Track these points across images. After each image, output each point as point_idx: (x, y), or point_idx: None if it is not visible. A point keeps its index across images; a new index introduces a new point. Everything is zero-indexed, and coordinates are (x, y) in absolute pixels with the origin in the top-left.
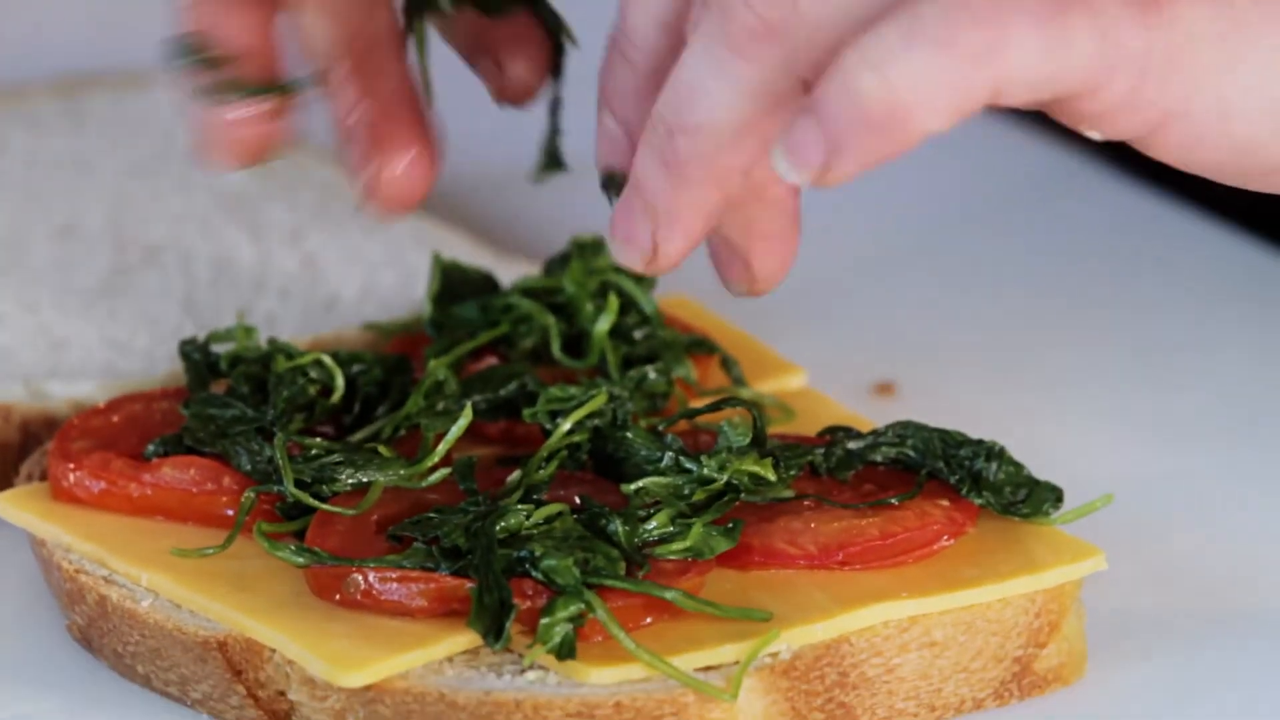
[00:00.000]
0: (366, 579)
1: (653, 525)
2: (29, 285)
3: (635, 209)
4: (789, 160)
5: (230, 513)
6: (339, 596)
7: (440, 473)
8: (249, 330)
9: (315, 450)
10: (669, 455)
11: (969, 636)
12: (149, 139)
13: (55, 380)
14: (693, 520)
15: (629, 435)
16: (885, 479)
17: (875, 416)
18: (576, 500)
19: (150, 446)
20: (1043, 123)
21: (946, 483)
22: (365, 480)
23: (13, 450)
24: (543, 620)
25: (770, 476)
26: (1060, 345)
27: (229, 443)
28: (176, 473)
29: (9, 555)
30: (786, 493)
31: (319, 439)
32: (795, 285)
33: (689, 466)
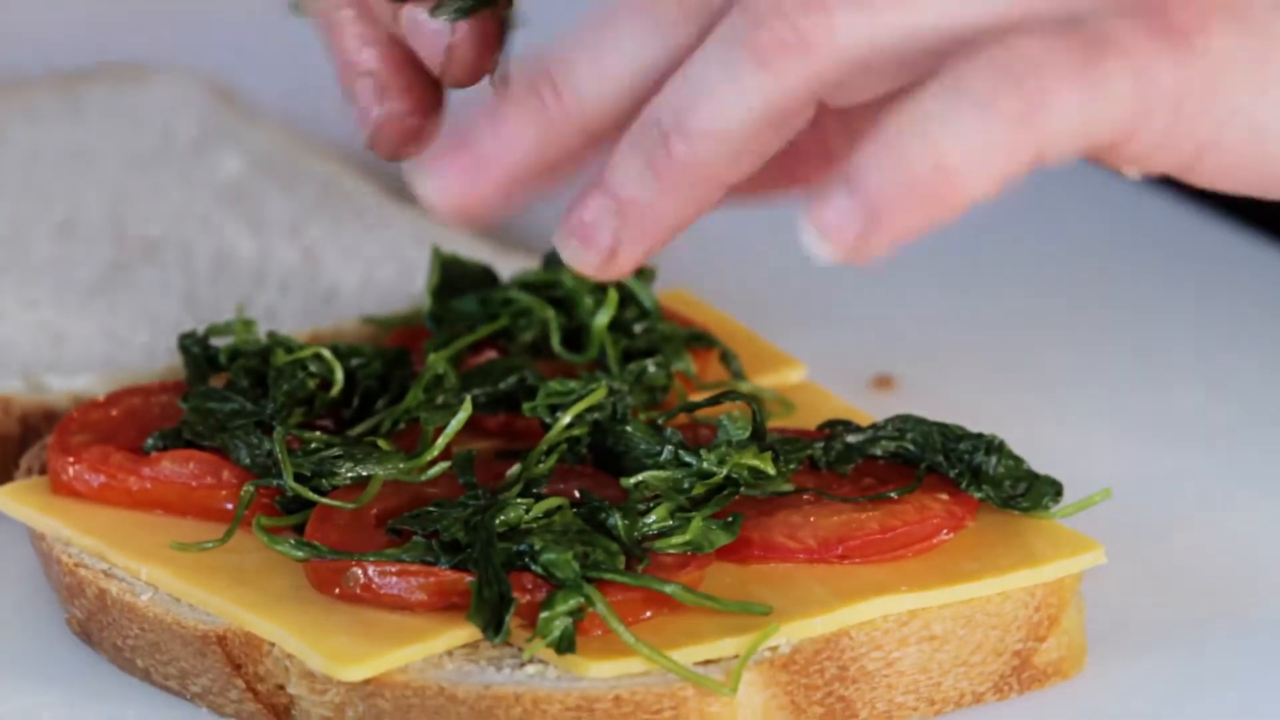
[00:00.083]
0: (366, 573)
1: (652, 519)
2: (29, 279)
3: (602, 208)
4: (822, 234)
5: (229, 506)
6: (338, 590)
7: (440, 466)
8: (248, 324)
9: (314, 444)
10: (668, 449)
11: (968, 630)
12: (149, 133)
13: (55, 373)
14: (692, 514)
15: (628, 429)
16: (885, 473)
17: (875, 410)
18: (576, 494)
19: (150, 440)
20: None
21: (946, 477)
22: (365, 474)
23: (12, 443)
24: (542, 614)
25: (770, 470)
26: (1060, 342)
27: (228, 436)
28: (176, 466)
29: (8, 549)
30: (786, 486)
31: (318, 433)
32: (795, 280)
33: (688, 460)
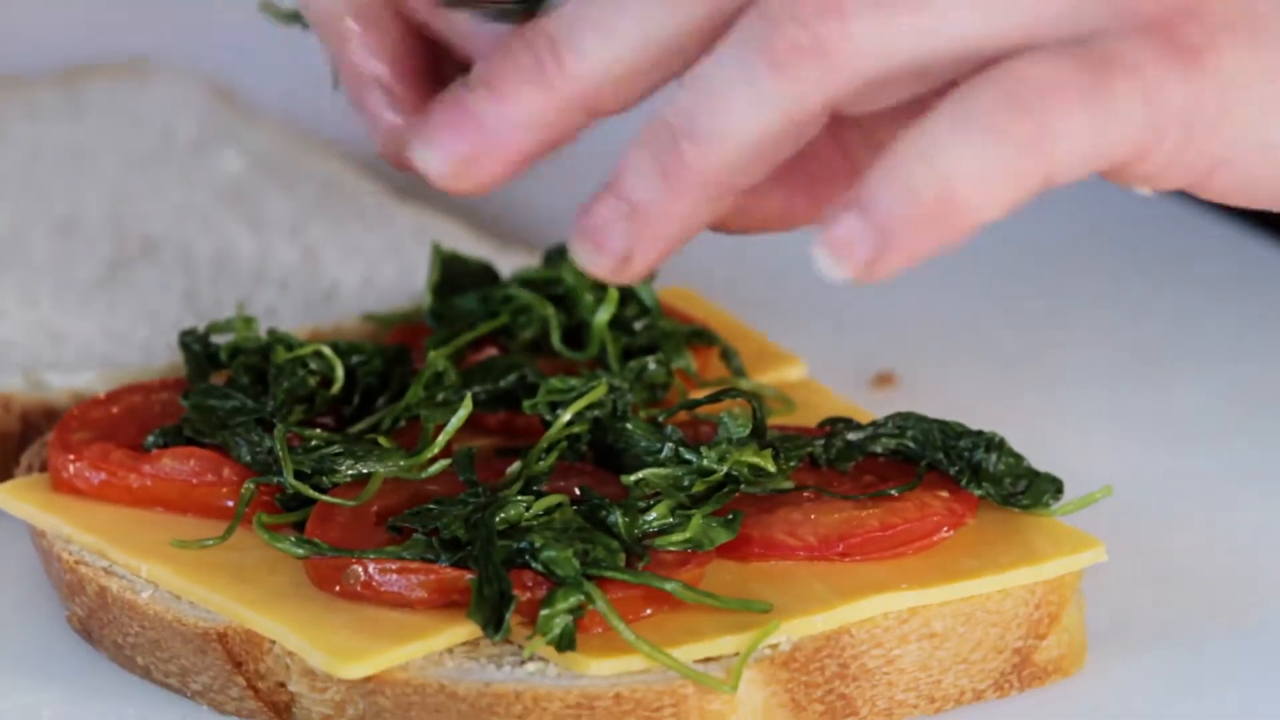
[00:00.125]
0: (366, 570)
1: (652, 516)
2: (29, 277)
3: (616, 212)
4: (833, 255)
5: (230, 504)
6: (339, 588)
7: (440, 464)
8: (249, 321)
9: (315, 441)
10: (669, 446)
11: (969, 628)
12: (149, 131)
13: (55, 371)
14: (692, 511)
15: (629, 426)
16: (885, 470)
17: (875, 408)
18: (576, 491)
19: (150, 438)
20: None
21: (946, 474)
22: (365, 471)
23: (13, 441)
24: (542, 612)
25: (770, 468)
26: (1061, 339)
27: (229, 434)
28: (176, 464)
29: (9, 546)
30: (786, 484)
31: (319, 430)
32: (795, 277)
33: (689, 458)
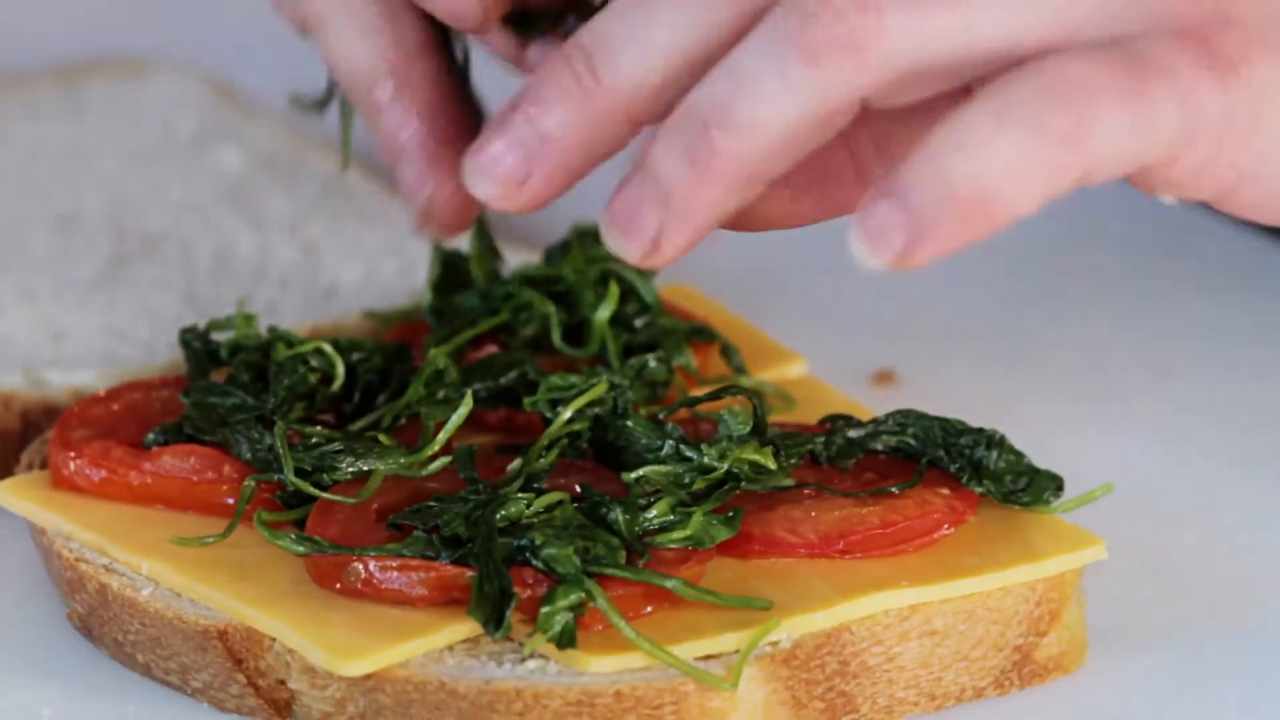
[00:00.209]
0: (367, 567)
1: (653, 514)
2: (29, 275)
3: (646, 197)
4: (868, 245)
5: (230, 501)
6: (339, 585)
7: (440, 461)
8: (249, 318)
9: (315, 438)
10: (669, 444)
11: (969, 625)
12: (149, 128)
13: (55, 369)
14: (693, 509)
15: (629, 424)
16: (886, 467)
17: (876, 405)
18: (577, 489)
19: (150, 435)
20: None
21: (947, 471)
22: (365, 469)
23: (13, 438)
24: (543, 609)
25: (770, 465)
26: (1061, 337)
27: (229, 431)
28: (177, 461)
29: (9, 544)
30: (787, 481)
31: (319, 427)
32: (796, 274)
33: (689, 455)
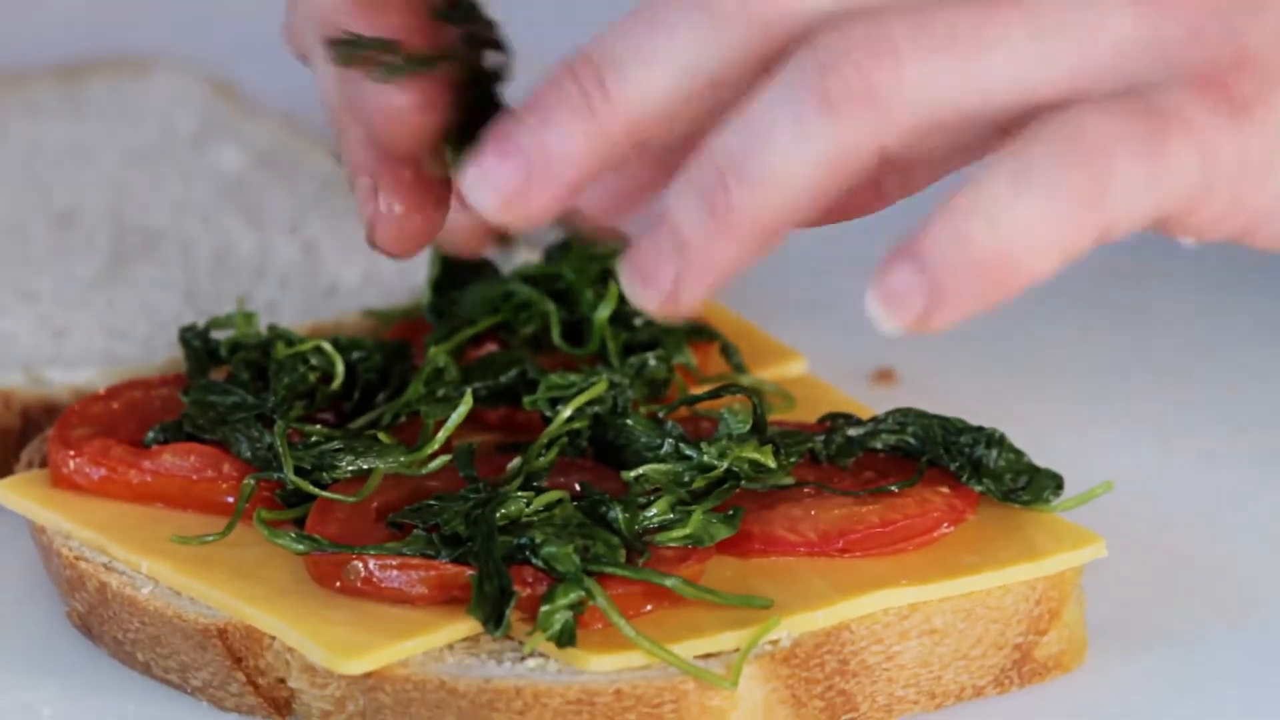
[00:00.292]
0: (367, 566)
1: (653, 512)
2: (29, 273)
3: (663, 248)
4: (886, 308)
5: (230, 500)
6: (339, 584)
7: (440, 460)
8: (249, 317)
9: (315, 437)
10: (669, 442)
11: (969, 624)
12: (149, 126)
13: (55, 367)
14: (693, 507)
15: (629, 422)
16: (885, 466)
17: (875, 403)
18: (577, 487)
19: (150, 433)
20: None
21: (947, 470)
22: (365, 467)
23: (13, 437)
24: (543, 607)
25: (770, 463)
26: (1062, 335)
27: (229, 430)
28: (176, 460)
29: (9, 542)
30: (787, 480)
31: (319, 426)
32: (796, 273)
33: (689, 453)
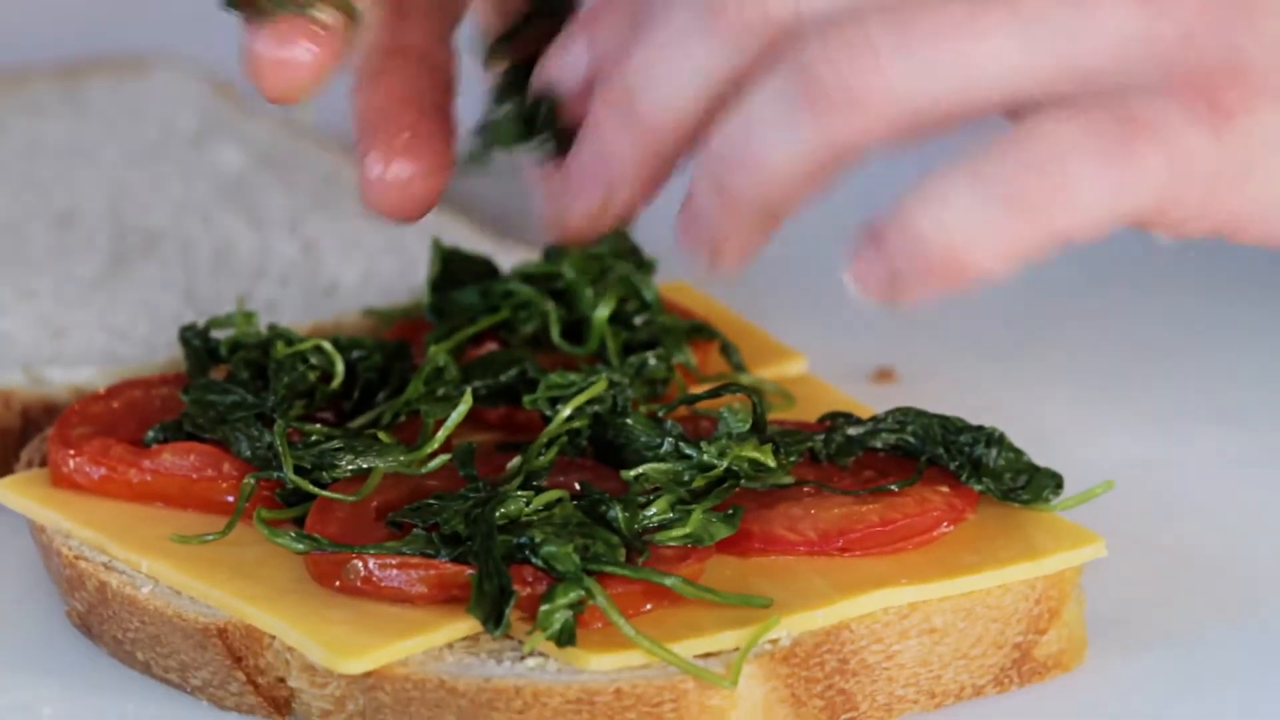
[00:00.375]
0: (366, 565)
1: (653, 511)
2: (29, 272)
3: (694, 220)
4: (855, 283)
5: (230, 499)
6: (339, 583)
7: (440, 459)
8: (249, 316)
9: (315, 436)
10: (669, 441)
11: (969, 623)
12: (149, 125)
13: (55, 366)
14: (693, 506)
15: (629, 421)
16: (885, 465)
17: (875, 403)
18: (576, 486)
19: (150, 433)
20: None
21: (946, 469)
22: (365, 466)
23: (13, 436)
24: (542, 607)
25: (770, 463)
26: (1061, 334)
27: (229, 429)
28: (176, 459)
29: (9, 541)
30: (786, 479)
31: (319, 425)
32: (796, 272)
33: (689, 453)
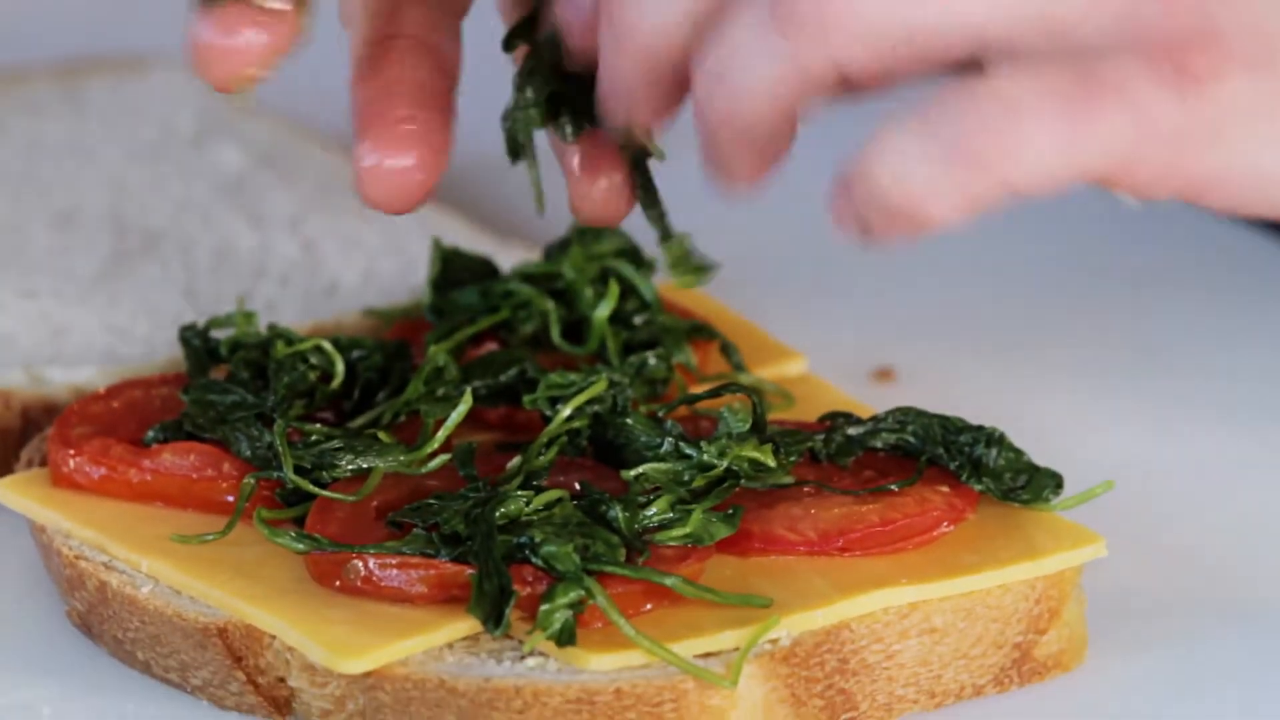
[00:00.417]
0: (366, 565)
1: (653, 511)
2: (29, 272)
3: (701, 143)
4: (834, 223)
5: (230, 499)
6: (339, 583)
7: (440, 459)
8: (249, 316)
9: (315, 436)
10: (669, 441)
11: (969, 623)
12: (149, 125)
13: (55, 366)
14: (692, 506)
15: (629, 421)
16: (885, 465)
17: (875, 402)
18: (576, 486)
19: (150, 432)
20: None
21: (946, 469)
22: (365, 466)
23: (13, 436)
24: (543, 606)
25: (770, 462)
26: (1061, 333)
27: (229, 429)
28: (176, 459)
29: (9, 541)
30: (786, 479)
31: (319, 425)
32: (796, 272)
33: (689, 452)
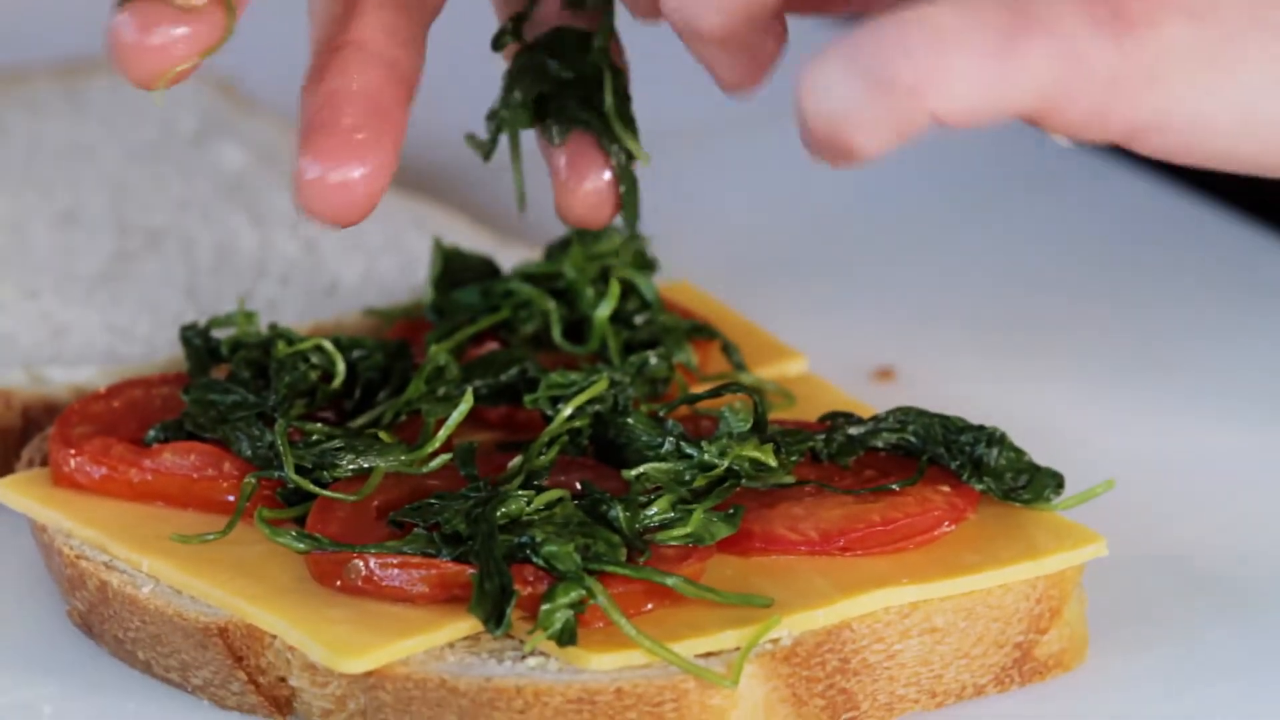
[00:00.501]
0: (367, 565)
1: (654, 511)
2: (30, 271)
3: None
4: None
5: (231, 498)
6: (340, 582)
7: (441, 458)
8: (250, 315)
9: (316, 436)
10: (670, 441)
11: (970, 622)
12: (150, 124)
13: (56, 365)
14: (693, 506)
15: (630, 421)
16: (886, 465)
17: (876, 402)
18: (577, 486)
19: (151, 432)
20: None
21: (947, 468)
22: (366, 466)
23: (14, 435)
24: (544, 606)
25: (771, 462)
26: (1061, 332)
27: (230, 428)
28: (177, 458)
29: (9, 540)
30: (787, 478)
31: (320, 424)
32: (796, 271)
33: (690, 452)
